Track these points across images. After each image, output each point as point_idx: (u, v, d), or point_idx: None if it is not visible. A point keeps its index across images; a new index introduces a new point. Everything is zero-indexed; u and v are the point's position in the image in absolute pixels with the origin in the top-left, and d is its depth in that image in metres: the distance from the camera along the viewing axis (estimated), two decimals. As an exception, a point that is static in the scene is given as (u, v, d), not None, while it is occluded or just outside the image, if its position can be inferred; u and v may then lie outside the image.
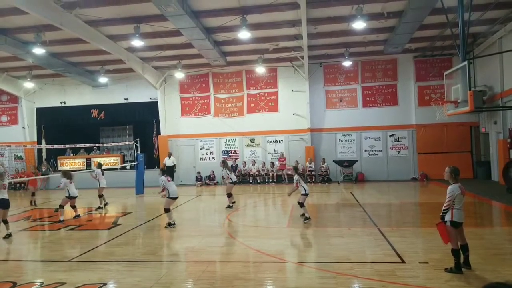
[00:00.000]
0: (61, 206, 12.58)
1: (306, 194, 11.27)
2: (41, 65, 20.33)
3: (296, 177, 11.34)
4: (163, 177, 11.12)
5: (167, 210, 11.11)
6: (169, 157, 22.06)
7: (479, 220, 11.32)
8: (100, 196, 15.13)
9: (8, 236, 10.18)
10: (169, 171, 21.67)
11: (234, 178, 14.61)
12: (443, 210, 6.50)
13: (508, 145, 16.82)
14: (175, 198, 11.28)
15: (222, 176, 14.62)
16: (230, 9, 14.73)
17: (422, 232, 9.79)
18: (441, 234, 6.60)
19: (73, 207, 13.03)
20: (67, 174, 12.85)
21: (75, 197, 12.91)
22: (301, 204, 11.25)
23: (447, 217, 6.43)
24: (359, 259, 7.44)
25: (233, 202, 14.31)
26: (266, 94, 22.80)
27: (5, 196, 10.22)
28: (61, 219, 12.30)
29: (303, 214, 11.24)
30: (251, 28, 15.74)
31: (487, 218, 12.13)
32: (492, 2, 14.28)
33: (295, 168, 11.75)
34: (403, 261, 7.13)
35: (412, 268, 6.74)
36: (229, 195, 14.19)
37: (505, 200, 13.15)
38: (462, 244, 6.49)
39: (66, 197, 12.71)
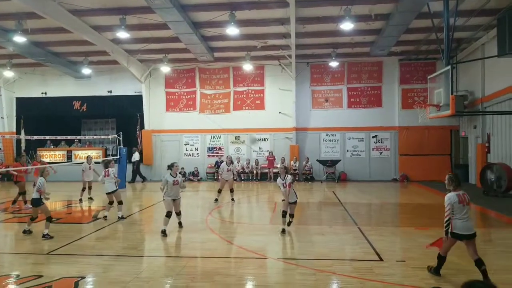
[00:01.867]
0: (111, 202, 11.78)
1: (295, 203, 9.68)
2: (22, 54, 19.90)
3: (289, 178, 9.42)
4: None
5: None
6: (134, 152, 22.00)
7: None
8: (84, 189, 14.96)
9: None
10: (136, 165, 21.68)
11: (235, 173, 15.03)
12: (445, 222, 6.12)
13: (486, 150, 17.22)
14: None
15: (228, 170, 14.50)
16: (218, 4, 14.67)
17: (401, 231, 9.96)
18: (437, 247, 6.43)
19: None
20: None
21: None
22: (285, 214, 9.49)
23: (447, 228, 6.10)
24: (338, 257, 7.53)
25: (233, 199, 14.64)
26: (252, 92, 22.79)
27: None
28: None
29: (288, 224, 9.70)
30: (240, 25, 15.72)
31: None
32: (477, 9, 14.56)
33: (287, 169, 9.89)
34: (381, 259, 7.24)
35: (390, 266, 6.86)
36: (232, 190, 14.65)
37: (481, 203, 13.44)
38: (475, 259, 6.01)
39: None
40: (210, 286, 5.97)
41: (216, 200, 14.35)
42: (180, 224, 10.11)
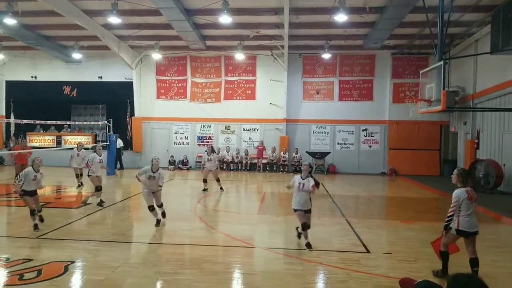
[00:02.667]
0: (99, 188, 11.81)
1: (310, 211, 7.85)
2: (12, 36, 19.54)
3: (312, 180, 7.68)
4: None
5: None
6: (116, 139, 21.81)
7: (442, 215, 11.62)
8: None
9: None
10: (117, 153, 21.50)
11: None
12: (447, 217, 5.93)
13: (475, 146, 17.42)
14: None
15: (209, 160, 14.24)
16: (212, -8, 14.55)
17: (388, 224, 10.09)
18: (436, 251, 6.26)
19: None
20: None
21: None
22: (309, 226, 7.64)
23: (453, 225, 5.89)
24: (326, 248, 7.62)
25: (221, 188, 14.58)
26: (244, 82, 22.72)
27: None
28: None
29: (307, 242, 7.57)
30: (233, 13, 15.60)
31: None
32: (472, 4, 14.62)
33: (312, 167, 8.32)
34: (368, 251, 7.35)
35: (376, 258, 6.97)
36: (219, 180, 14.48)
37: (468, 198, 13.63)
38: (471, 257, 5.91)
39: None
40: (198, 273, 6.02)
41: (205, 190, 14.29)
42: (163, 214, 9.52)
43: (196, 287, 5.47)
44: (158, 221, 9.10)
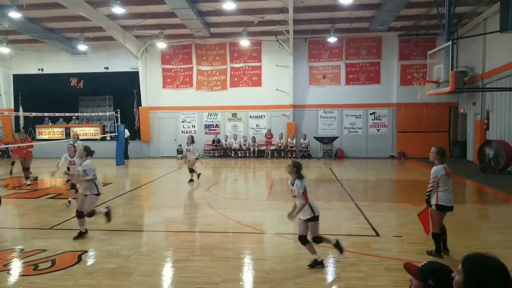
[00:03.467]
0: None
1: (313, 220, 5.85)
2: (17, 30, 19.63)
3: (299, 183, 5.72)
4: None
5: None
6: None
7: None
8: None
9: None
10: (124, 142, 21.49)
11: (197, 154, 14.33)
12: (427, 192, 6.23)
13: (484, 126, 17.26)
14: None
15: (188, 150, 13.92)
16: (215, -21, 14.43)
17: (397, 207, 10.09)
18: (423, 223, 6.45)
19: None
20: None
21: None
22: (319, 239, 5.96)
23: (433, 201, 6.16)
24: (335, 232, 7.63)
25: (199, 174, 14.18)
26: (249, 68, 22.62)
27: None
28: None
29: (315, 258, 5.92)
30: (237, -1, 15.48)
31: (460, 195, 12.50)
32: (479, -18, 14.33)
33: (296, 166, 5.87)
34: (377, 235, 7.37)
35: (386, 241, 6.99)
36: (193, 170, 13.92)
37: (478, 179, 13.58)
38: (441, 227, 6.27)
39: None
40: (209, 260, 6.09)
41: (191, 180, 13.74)
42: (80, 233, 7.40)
43: (207, 274, 5.53)
44: (79, 234, 7.22)
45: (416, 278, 2.14)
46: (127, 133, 21.86)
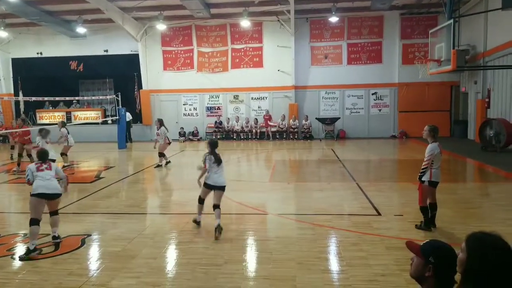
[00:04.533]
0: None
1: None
2: (15, 13, 19.42)
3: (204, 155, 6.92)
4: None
5: None
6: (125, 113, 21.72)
7: (453, 176, 11.72)
8: (64, 154, 13.69)
9: None
10: (127, 126, 21.41)
11: (170, 139, 14.13)
12: (422, 169, 6.36)
13: (486, 105, 17.18)
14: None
15: (157, 134, 13.72)
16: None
17: (399, 186, 10.14)
18: (420, 195, 6.49)
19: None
20: (43, 132, 11.29)
21: None
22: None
23: (426, 177, 6.32)
24: (337, 212, 7.72)
25: (168, 162, 13.82)
26: (250, 49, 22.42)
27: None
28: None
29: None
30: (236, -21, 15.26)
31: (461, 174, 12.58)
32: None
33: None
34: (379, 214, 7.42)
35: (388, 220, 7.04)
36: (162, 155, 13.63)
37: (479, 158, 13.60)
38: (432, 202, 6.45)
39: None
40: (213, 241, 6.15)
41: (158, 165, 13.47)
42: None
43: (210, 255, 5.60)
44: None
45: (417, 255, 2.19)
46: (129, 116, 21.83)
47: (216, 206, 6.64)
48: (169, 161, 13.88)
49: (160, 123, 13.87)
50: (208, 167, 6.74)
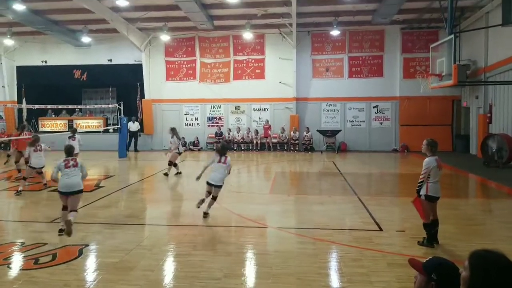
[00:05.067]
0: (24, 178, 11.12)
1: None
2: (21, 22, 19.58)
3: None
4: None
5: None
6: (133, 122, 21.77)
7: (455, 191, 11.66)
8: None
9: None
10: (134, 136, 21.56)
11: (181, 149, 14.33)
12: (418, 183, 6.42)
13: (487, 120, 17.17)
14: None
15: (170, 142, 14.00)
16: (218, -29, 14.32)
17: (400, 201, 10.05)
18: (418, 210, 6.54)
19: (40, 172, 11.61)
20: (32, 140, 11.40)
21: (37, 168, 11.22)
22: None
23: (422, 191, 6.34)
24: (338, 226, 7.65)
25: (178, 173, 13.93)
26: (253, 61, 22.52)
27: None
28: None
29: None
30: (240, -8, 15.39)
31: (463, 189, 12.51)
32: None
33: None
34: (380, 229, 7.35)
35: (389, 236, 6.97)
36: (174, 164, 13.80)
37: (482, 173, 13.53)
38: (433, 218, 6.40)
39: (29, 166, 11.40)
40: (211, 254, 6.09)
41: (166, 174, 13.75)
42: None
43: (209, 268, 5.53)
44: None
45: (420, 272, 2.17)
46: (137, 126, 21.86)
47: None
48: (180, 172, 13.94)
49: (173, 131, 14.04)
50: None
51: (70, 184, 7.02)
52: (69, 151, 7.49)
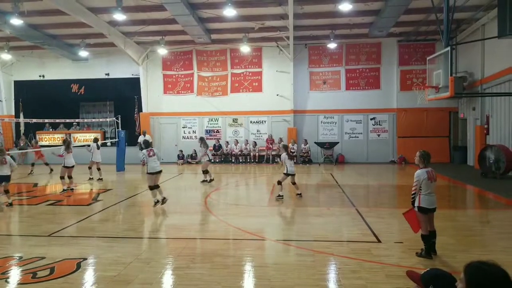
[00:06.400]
0: (61, 177, 13.17)
1: (286, 174, 11.41)
2: (19, 37, 19.72)
3: (283, 155, 11.60)
4: (144, 151, 10.80)
5: (150, 188, 10.65)
6: (144, 135, 21.74)
7: (453, 202, 11.67)
8: (90, 168, 16.32)
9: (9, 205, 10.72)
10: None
11: (210, 156, 15.29)
12: (411, 195, 6.49)
13: (485, 131, 17.25)
14: (152, 174, 10.66)
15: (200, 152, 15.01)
16: (215, -15, 14.50)
17: (398, 213, 9.96)
18: (409, 222, 6.58)
19: (70, 177, 13.43)
20: (65, 142, 13.56)
21: (70, 167, 13.36)
22: (278, 182, 11.60)
23: (416, 203, 6.41)
24: (336, 238, 7.63)
25: (211, 179, 14.83)
26: (250, 74, 22.67)
27: (5, 172, 10.66)
28: (65, 188, 13.10)
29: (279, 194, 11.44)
30: (237, 6, 15.57)
31: (460, 201, 12.51)
32: (477, -11, 14.39)
33: (285, 147, 12.09)
34: (379, 241, 7.33)
35: (388, 248, 6.95)
36: (206, 172, 14.79)
37: (479, 184, 13.55)
38: (430, 230, 6.43)
39: (63, 166, 13.23)
40: (210, 267, 6.05)
41: (204, 181, 14.89)
42: None
43: (207, 281, 5.50)
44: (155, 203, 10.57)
45: (418, 284, 2.17)
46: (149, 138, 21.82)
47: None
48: (213, 179, 14.92)
49: (201, 141, 15.00)
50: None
51: (155, 167, 10.55)
52: (147, 144, 10.91)
